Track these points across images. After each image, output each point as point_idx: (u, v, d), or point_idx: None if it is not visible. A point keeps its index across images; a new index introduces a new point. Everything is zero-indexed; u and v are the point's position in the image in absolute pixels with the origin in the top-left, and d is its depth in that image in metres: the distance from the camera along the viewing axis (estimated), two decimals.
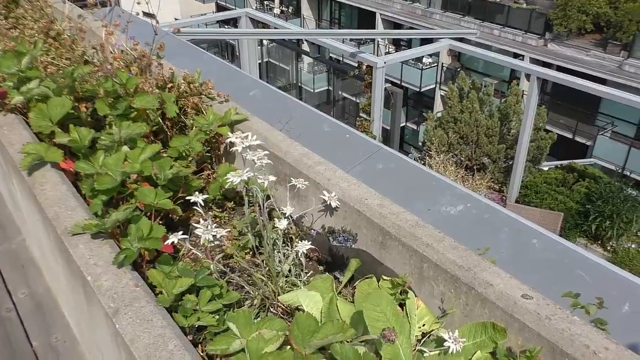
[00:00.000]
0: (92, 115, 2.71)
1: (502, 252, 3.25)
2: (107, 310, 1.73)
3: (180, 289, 1.85)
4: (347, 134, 4.50)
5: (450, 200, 3.66)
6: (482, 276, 1.86)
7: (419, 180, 4.00)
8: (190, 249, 2.41)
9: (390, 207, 2.22)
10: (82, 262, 1.91)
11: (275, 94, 5.42)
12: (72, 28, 3.57)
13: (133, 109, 2.67)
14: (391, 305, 1.75)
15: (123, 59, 3.08)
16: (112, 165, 2.24)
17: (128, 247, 1.95)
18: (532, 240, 3.45)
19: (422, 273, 2.05)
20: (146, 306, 1.74)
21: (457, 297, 1.95)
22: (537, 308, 1.73)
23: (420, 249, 2.03)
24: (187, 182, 2.49)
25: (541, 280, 3.03)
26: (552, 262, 3.31)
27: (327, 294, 2.00)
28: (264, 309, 2.10)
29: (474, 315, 1.90)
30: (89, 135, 2.43)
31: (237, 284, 2.17)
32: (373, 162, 4.01)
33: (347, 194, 2.32)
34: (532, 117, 16.88)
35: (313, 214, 2.49)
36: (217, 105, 2.95)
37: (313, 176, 2.44)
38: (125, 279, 1.84)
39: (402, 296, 2.03)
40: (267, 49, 29.23)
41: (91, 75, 2.94)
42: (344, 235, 2.34)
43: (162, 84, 2.93)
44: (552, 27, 22.02)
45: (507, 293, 1.79)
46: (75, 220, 2.06)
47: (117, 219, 2.02)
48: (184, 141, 2.66)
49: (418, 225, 2.11)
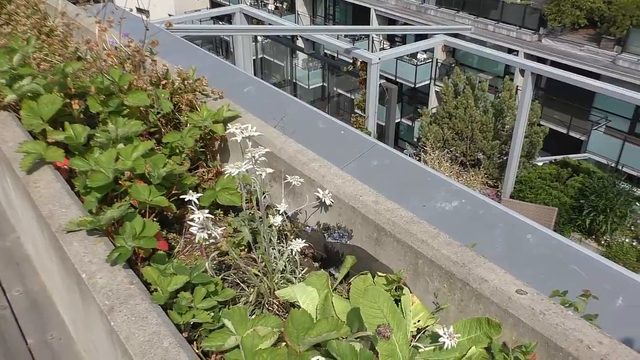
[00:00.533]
0: (84, 113, 2.70)
1: (497, 248, 3.27)
2: (102, 307, 1.72)
3: (175, 287, 1.85)
4: (342, 130, 4.50)
5: (445, 196, 3.66)
6: (477, 272, 1.87)
7: (414, 177, 4.01)
8: (185, 246, 2.41)
9: (385, 204, 2.22)
10: (77, 259, 1.90)
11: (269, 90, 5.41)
12: (65, 24, 3.55)
13: (125, 107, 2.66)
14: (388, 302, 1.75)
15: (116, 55, 3.06)
16: (105, 162, 2.23)
17: (122, 245, 1.94)
18: (527, 236, 3.46)
19: (417, 269, 2.06)
20: (141, 304, 1.73)
21: (452, 293, 1.95)
22: (531, 303, 1.73)
23: (415, 245, 2.03)
24: (181, 180, 2.49)
25: (536, 275, 3.05)
26: (547, 257, 3.33)
27: (322, 291, 2.00)
28: (260, 306, 2.10)
29: (469, 311, 1.90)
30: (85, 133, 2.42)
31: (232, 281, 2.17)
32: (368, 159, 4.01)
33: (342, 190, 2.32)
34: (526, 112, 16.91)
35: (308, 210, 2.49)
36: (211, 101, 2.94)
37: (308, 173, 2.44)
38: (120, 277, 1.84)
39: (397, 292, 2.03)
40: (261, 46, 29.16)
41: (84, 72, 2.93)
42: (339, 231, 2.34)
43: (156, 80, 2.92)
44: (546, 23, 22.06)
45: (501, 288, 1.80)
46: (69, 218, 2.06)
47: (111, 216, 2.01)
48: (176, 137, 2.65)
49: (413, 222, 2.11)
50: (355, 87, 20.94)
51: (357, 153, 4.03)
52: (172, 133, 2.70)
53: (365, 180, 2.39)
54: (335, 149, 4.06)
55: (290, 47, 27.51)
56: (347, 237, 2.32)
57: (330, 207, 2.38)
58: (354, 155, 3.99)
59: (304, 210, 2.51)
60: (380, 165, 4.00)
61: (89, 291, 1.80)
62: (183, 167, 2.50)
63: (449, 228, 2.15)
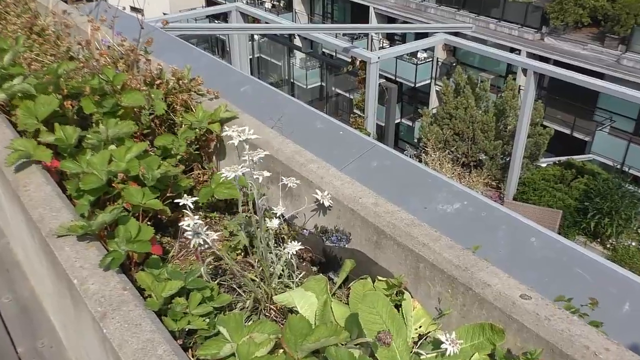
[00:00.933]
0: (78, 114, 2.69)
1: (500, 251, 3.26)
2: (94, 314, 1.71)
3: (170, 292, 1.83)
4: (340, 130, 4.50)
5: (446, 198, 3.66)
6: (480, 276, 1.86)
7: (414, 178, 4.00)
8: (180, 251, 2.40)
9: (385, 206, 2.21)
10: (68, 264, 1.89)
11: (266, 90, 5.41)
12: (57, 23, 3.54)
13: (120, 107, 2.65)
14: (387, 307, 1.74)
15: (110, 55, 3.05)
16: (98, 164, 2.22)
17: (115, 250, 1.93)
18: (530, 239, 3.46)
19: (418, 273, 2.05)
20: (134, 310, 1.72)
21: (454, 298, 1.94)
22: (536, 308, 1.73)
23: (416, 248, 2.02)
24: (176, 182, 2.48)
25: (540, 280, 3.04)
26: (551, 261, 3.32)
27: (321, 296, 1.99)
28: (257, 311, 2.09)
29: (472, 316, 1.89)
30: (75, 134, 2.41)
31: (228, 286, 2.16)
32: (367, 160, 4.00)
33: (341, 192, 2.31)
34: (529, 112, 16.92)
35: (306, 213, 2.48)
36: (206, 102, 2.93)
37: (305, 174, 2.43)
38: (113, 282, 1.83)
39: (398, 297, 2.03)
40: (258, 44, 29.17)
41: (77, 72, 2.92)
42: (337, 234, 2.33)
43: (150, 80, 2.91)
44: (548, 21, 22.10)
45: (505, 293, 1.79)
46: (60, 222, 2.04)
47: (104, 220, 2.00)
48: (169, 139, 2.64)
49: (414, 224, 2.10)
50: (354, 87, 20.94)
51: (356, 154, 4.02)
52: (164, 135, 2.69)
53: (364, 181, 2.39)
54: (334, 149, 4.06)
55: (288, 46, 27.53)
56: (346, 240, 2.31)
57: (328, 210, 2.37)
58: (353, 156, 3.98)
59: (302, 213, 2.50)
60: (380, 166, 3.99)
61: (80, 297, 1.79)
62: (178, 169, 2.50)
63: (451, 231, 2.15)
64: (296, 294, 2.00)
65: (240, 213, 2.31)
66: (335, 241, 2.32)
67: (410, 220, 2.13)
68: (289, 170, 2.49)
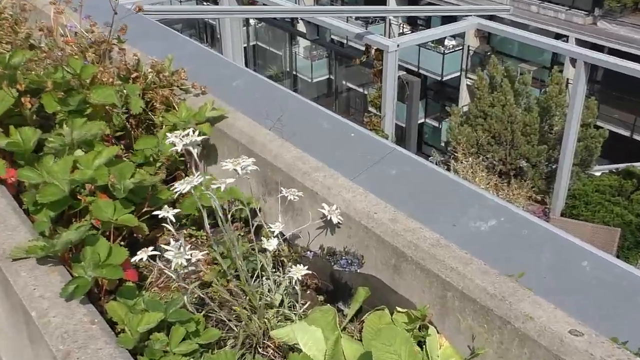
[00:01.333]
0: (38, 113, 2.71)
1: (544, 277, 3.24)
2: (56, 353, 1.71)
3: (147, 326, 1.83)
4: (352, 132, 4.51)
5: (479, 214, 3.65)
6: (520, 307, 1.85)
7: (441, 189, 4.00)
8: (159, 276, 2.40)
9: (405, 223, 2.21)
10: (25, 293, 1.89)
11: (264, 84, 5.44)
12: (15, 6, 3.58)
13: (89, 105, 2.67)
14: (407, 344, 1.73)
15: (77, 43, 3.08)
16: (59, 172, 2.23)
17: (81, 276, 1.93)
18: (582, 262, 3.44)
19: (446, 303, 2.04)
20: (104, 348, 1.72)
21: (489, 334, 1.93)
22: (589, 347, 1.71)
23: (442, 273, 2.02)
24: (155, 194, 2.48)
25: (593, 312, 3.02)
26: (607, 289, 3.30)
27: (330, 332, 1.98)
28: (251, 349, 2.08)
29: (511, 356, 1.89)
30: (35, 137, 2.42)
31: (217, 319, 2.16)
32: (384, 167, 4.01)
33: (352, 206, 2.31)
34: (579, 111, 16.91)
35: (310, 231, 2.48)
36: (192, 98, 2.95)
37: (310, 185, 2.43)
38: (79, 315, 1.83)
39: (422, 332, 2.02)
40: (254, 30, 29.37)
41: (37, 63, 2.94)
42: (348, 257, 2.33)
43: (125, 73, 2.93)
44: (602, 2, 22.11)
45: (551, 328, 1.78)
46: (16, 242, 2.05)
47: (68, 239, 2.01)
48: (151, 143, 2.66)
49: (440, 245, 2.10)
50: (368, 81, 21.03)
51: (370, 160, 4.02)
52: (145, 138, 2.71)
53: (380, 193, 2.39)
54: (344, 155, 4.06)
55: (290, 32, 27.69)
56: (358, 264, 2.31)
57: (337, 227, 2.37)
58: (367, 163, 3.99)
59: (305, 231, 2.50)
60: (399, 175, 3.99)
61: (39, 333, 1.79)
62: (156, 178, 2.50)
63: (485, 253, 2.14)
64: (298, 328, 1.99)
65: (231, 232, 2.31)
66: (345, 265, 2.32)
67: (435, 239, 2.13)
68: (290, 180, 2.49)
